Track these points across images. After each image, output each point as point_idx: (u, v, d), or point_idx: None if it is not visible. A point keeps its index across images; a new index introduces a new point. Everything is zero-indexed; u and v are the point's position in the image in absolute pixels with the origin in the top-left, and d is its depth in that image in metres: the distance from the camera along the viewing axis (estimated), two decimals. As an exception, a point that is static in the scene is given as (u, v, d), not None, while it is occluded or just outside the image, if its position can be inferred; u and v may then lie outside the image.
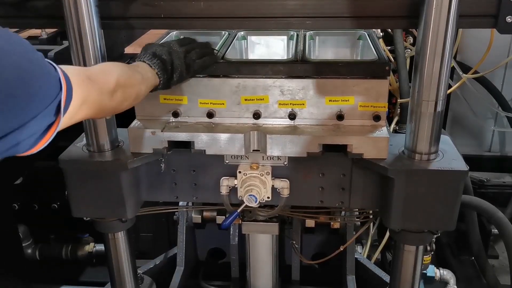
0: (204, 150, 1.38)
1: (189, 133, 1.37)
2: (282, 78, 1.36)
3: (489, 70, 2.14)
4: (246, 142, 1.37)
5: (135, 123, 1.43)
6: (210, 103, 1.39)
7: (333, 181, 1.41)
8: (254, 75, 1.37)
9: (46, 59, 0.86)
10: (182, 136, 1.37)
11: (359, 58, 1.61)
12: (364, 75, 1.34)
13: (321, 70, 1.36)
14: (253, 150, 1.39)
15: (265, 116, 1.39)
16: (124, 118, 1.59)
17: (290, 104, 1.38)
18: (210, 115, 1.40)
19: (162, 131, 1.37)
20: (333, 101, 1.36)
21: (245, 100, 1.38)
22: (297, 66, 1.37)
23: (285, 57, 1.61)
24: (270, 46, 1.71)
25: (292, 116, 1.38)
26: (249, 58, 1.68)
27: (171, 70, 1.26)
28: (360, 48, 1.63)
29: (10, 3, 1.30)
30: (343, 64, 1.36)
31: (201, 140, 1.37)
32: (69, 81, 0.87)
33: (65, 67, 0.91)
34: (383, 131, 1.35)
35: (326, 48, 1.67)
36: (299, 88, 1.36)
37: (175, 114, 1.41)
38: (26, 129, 0.79)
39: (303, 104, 1.37)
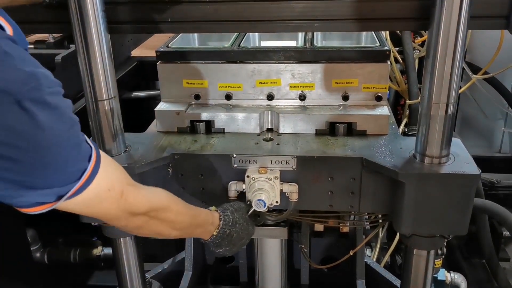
0: (223, 129, 1.52)
1: (210, 113, 1.52)
2: (293, 63, 1.51)
3: (499, 71, 2.12)
4: (261, 121, 1.52)
5: (161, 105, 1.57)
6: (228, 86, 1.53)
7: (343, 185, 1.39)
8: (268, 60, 1.51)
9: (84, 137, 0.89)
10: (203, 116, 1.52)
11: (362, 45, 1.76)
12: (367, 60, 1.48)
13: (328, 56, 1.50)
14: (267, 129, 1.53)
15: (277, 98, 1.55)
16: (131, 121, 1.59)
17: (300, 86, 1.53)
18: (228, 97, 1.55)
19: (185, 112, 1.52)
20: (339, 83, 1.51)
21: (260, 83, 1.54)
22: (306, 52, 1.52)
23: (296, 45, 1.75)
24: (282, 34, 1.86)
25: (302, 97, 1.54)
26: (262, 45, 1.84)
27: (214, 246, 1.33)
28: (363, 36, 1.79)
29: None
30: (348, 50, 1.52)
31: (221, 119, 1.52)
32: (91, 177, 0.88)
33: (110, 165, 0.96)
34: (384, 110, 1.50)
35: (332, 35, 1.82)
36: (309, 72, 1.51)
37: (197, 97, 1.56)
38: (32, 194, 0.81)
39: (312, 87, 1.52)
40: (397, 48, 2.21)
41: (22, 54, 0.78)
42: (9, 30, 0.79)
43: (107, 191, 0.94)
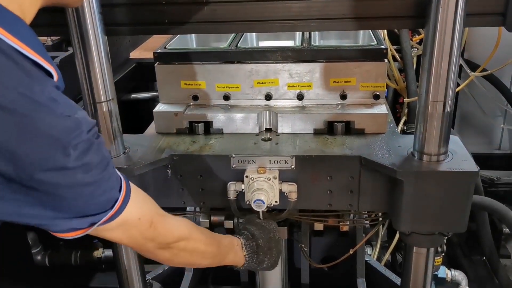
0: (222, 129, 1.53)
1: (208, 114, 1.52)
2: (290, 62, 1.51)
3: (497, 68, 2.12)
4: (259, 121, 1.52)
5: (159, 106, 1.57)
6: (226, 87, 1.54)
7: (341, 184, 1.40)
8: (265, 60, 1.51)
9: (116, 170, 0.96)
10: (202, 117, 1.52)
11: (360, 43, 1.75)
12: (365, 59, 1.48)
13: (326, 55, 1.50)
14: (266, 129, 1.53)
15: (276, 98, 1.55)
16: (129, 123, 1.59)
17: (298, 86, 1.52)
18: (226, 97, 1.55)
19: (184, 113, 1.52)
20: (337, 82, 1.51)
21: (258, 83, 1.54)
22: (304, 52, 1.52)
23: (293, 44, 1.75)
24: (279, 34, 1.86)
25: (300, 97, 1.53)
26: (260, 45, 1.82)
27: (256, 263, 1.36)
28: (360, 34, 1.79)
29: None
30: (346, 49, 1.51)
31: (219, 120, 1.52)
32: (123, 206, 0.96)
33: (140, 195, 1.04)
34: (382, 108, 1.50)
35: (329, 34, 1.82)
36: (306, 71, 1.51)
37: (195, 98, 1.56)
38: (67, 221, 0.89)
39: (310, 86, 1.52)
40: (395, 47, 2.21)
41: (66, 101, 0.84)
42: (55, 76, 0.84)
43: (137, 219, 1.01)
